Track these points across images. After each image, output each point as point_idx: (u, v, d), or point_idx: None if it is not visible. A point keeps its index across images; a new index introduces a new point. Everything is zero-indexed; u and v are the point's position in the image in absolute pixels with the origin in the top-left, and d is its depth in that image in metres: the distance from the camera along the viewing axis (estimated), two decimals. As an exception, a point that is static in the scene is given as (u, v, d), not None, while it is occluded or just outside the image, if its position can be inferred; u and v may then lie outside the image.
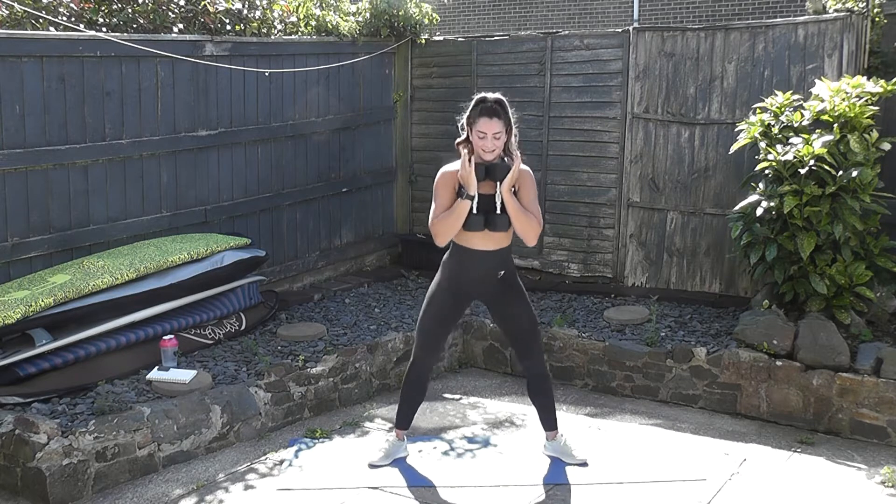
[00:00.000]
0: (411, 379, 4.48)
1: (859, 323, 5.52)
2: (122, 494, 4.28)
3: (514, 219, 4.11)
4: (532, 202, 4.16)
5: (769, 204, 5.59)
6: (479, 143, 4.09)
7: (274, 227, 7.17)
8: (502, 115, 4.08)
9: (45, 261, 5.58)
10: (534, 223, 4.12)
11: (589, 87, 7.41)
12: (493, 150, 4.10)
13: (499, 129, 4.07)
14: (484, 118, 4.06)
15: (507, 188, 4.09)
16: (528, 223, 4.11)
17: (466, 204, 4.07)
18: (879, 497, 4.21)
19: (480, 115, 4.07)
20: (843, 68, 6.29)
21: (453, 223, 4.10)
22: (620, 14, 14.35)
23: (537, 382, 4.46)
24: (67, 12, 6.09)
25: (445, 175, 4.18)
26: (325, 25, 7.53)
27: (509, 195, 4.09)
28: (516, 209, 4.09)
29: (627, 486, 4.28)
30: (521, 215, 4.10)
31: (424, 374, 4.50)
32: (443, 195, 4.15)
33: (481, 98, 4.12)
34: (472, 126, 4.11)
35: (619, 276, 7.36)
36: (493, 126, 4.06)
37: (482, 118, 4.07)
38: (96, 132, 5.82)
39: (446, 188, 4.16)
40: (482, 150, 4.10)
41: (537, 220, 4.14)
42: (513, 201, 4.10)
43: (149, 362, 5.25)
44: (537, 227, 4.15)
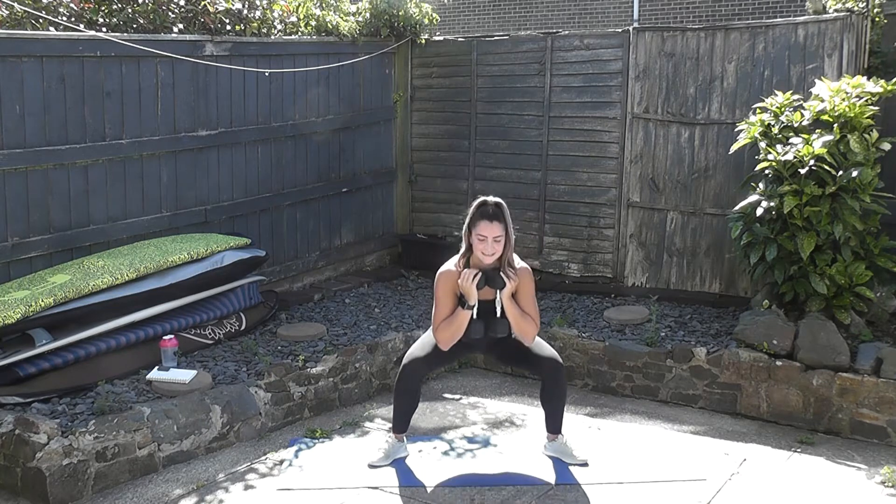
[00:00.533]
0: (401, 388, 4.48)
1: (859, 323, 5.52)
2: (122, 494, 4.28)
3: (513, 323, 4.30)
4: (530, 303, 4.33)
5: (769, 204, 5.59)
6: (479, 246, 4.19)
7: (274, 227, 7.17)
8: (502, 219, 4.19)
9: (45, 261, 5.58)
10: (531, 326, 4.32)
11: (589, 87, 7.41)
12: (493, 254, 4.20)
13: (499, 232, 4.17)
14: (484, 221, 4.17)
15: (507, 295, 4.24)
16: (527, 327, 4.31)
17: (467, 314, 4.25)
18: (879, 497, 4.21)
19: (481, 218, 4.19)
20: (843, 68, 6.29)
21: (455, 331, 4.29)
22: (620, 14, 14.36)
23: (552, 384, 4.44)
24: (67, 12, 6.09)
25: (446, 279, 4.30)
26: (325, 25, 7.53)
27: (510, 302, 4.26)
28: (516, 315, 4.28)
29: (627, 486, 4.28)
30: (521, 320, 4.29)
31: (415, 384, 4.50)
32: (444, 302, 4.30)
33: (481, 202, 4.24)
34: (472, 229, 4.21)
35: (619, 276, 7.37)
36: (493, 230, 4.17)
37: (482, 221, 4.17)
38: (96, 132, 5.82)
39: (447, 294, 4.30)
40: (482, 254, 4.20)
41: (535, 322, 4.33)
42: (512, 307, 4.27)
43: (149, 362, 5.25)
44: (535, 329, 4.35)
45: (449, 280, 4.28)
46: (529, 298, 4.32)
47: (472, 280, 4.17)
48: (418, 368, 4.45)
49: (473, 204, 4.25)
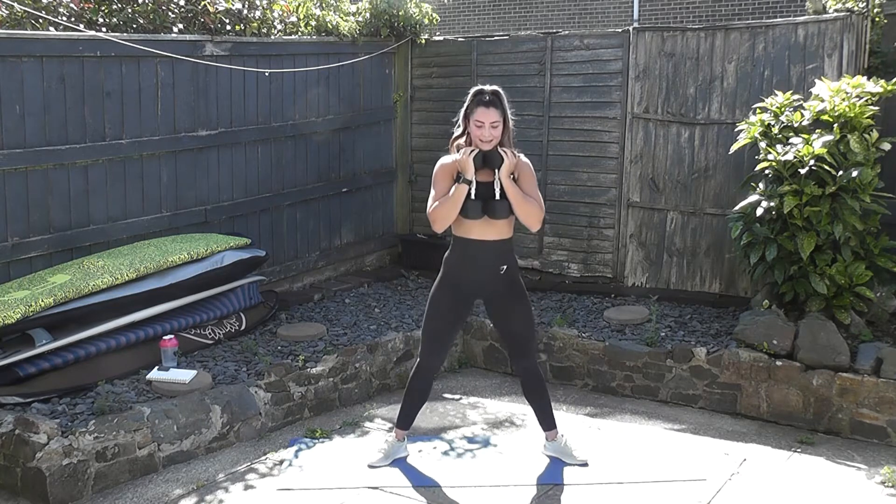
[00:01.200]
0: (416, 382, 4.46)
1: (859, 323, 5.52)
2: (122, 494, 4.28)
3: (514, 204, 4.11)
4: (533, 189, 4.17)
5: (769, 204, 5.59)
6: (477, 132, 4.11)
7: (274, 227, 7.17)
8: (499, 105, 4.12)
9: (45, 261, 5.58)
10: (535, 207, 4.12)
11: (589, 87, 7.41)
12: (490, 140, 4.12)
13: (496, 118, 4.10)
14: (481, 108, 4.10)
15: (506, 174, 4.10)
16: (529, 207, 4.11)
17: (464, 188, 4.08)
18: (879, 497, 4.21)
19: (478, 105, 4.12)
20: (843, 68, 6.29)
21: (451, 208, 4.10)
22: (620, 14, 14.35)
23: (532, 383, 4.46)
24: (67, 12, 6.09)
25: (443, 165, 4.22)
26: (325, 25, 7.53)
27: (509, 181, 4.11)
28: (517, 194, 4.10)
29: (627, 486, 4.28)
30: (522, 200, 4.10)
31: (429, 378, 4.49)
32: (441, 183, 4.18)
33: (478, 90, 4.17)
34: (470, 116, 4.15)
35: (619, 276, 7.36)
36: (490, 115, 4.09)
37: (479, 108, 4.11)
38: (96, 132, 5.82)
39: (444, 177, 4.18)
40: (480, 140, 4.12)
41: (539, 204, 4.14)
42: (513, 186, 4.11)
43: (149, 362, 5.25)
44: (539, 211, 4.14)
45: (446, 166, 4.18)
46: (531, 184, 4.17)
47: (469, 154, 4.08)
48: (434, 363, 4.43)
49: (470, 92, 4.18)
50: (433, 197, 4.19)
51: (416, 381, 4.46)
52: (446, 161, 4.23)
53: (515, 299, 4.32)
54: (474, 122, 4.12)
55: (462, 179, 4.09)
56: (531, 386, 4.46)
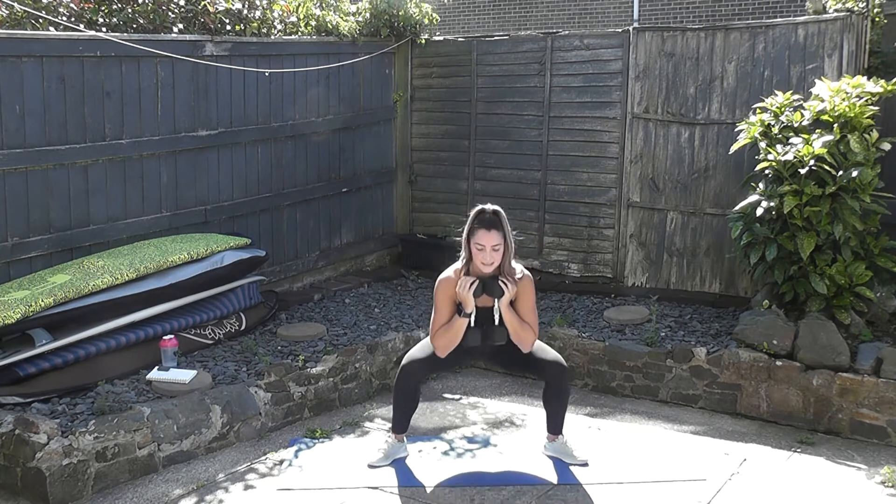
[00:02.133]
0: (400, 388, 4.46)
1: (859, 323, 5.52)
2: (122, 494, 4.28)
3: (511, 332, 4.27)
4: (530, 311, 4.29)
5: (769, 204, 5.59)
6: (478, 255, 4.17)
7: (274, 227, 7.17)
8: (500, 227, 4.15)
9: (45, 261, 5.58)
10: (530, 335, 4.29)
11: (589, 87, 7.41)
12: (491, 263, 4.17)
13: (497, 241, 4.14)
14: (482, 230, 4.14)
15: (505, 304, 4.21)
16: (524, 335, 4.28)
17: (464, 321, 4.23)
18: (879, 497, 4.21)
19: (479, 226, 4.15)
20: (843, 68, 6.29)
21: (452, 338, 4.27)
22: (620, 14, 14.36)
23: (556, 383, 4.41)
24: (67, 12, 6.09)
25: (446, 286, 4.28)
26: (325, 25, 7.53)
27: (507, 310, 4.23)
28: (515, 323, 4.26)
29: (627, 486, 4.28)
30: (519, 329, 4.26)
31: (414, 385, 4.49)
32: (442, 309, 4.28)
33: (479, 210, 4.20)
34: (471, 238, 4.18)
35: (619, 276, 7.36)
36: (491, 238, 4.13)
37: (480, 230, 4.15)
38: (96, 132, 5.82)
39: (445, 301, 4.28)
40: (481, 263, 4.17)
41: (534, 331, 4.30)
42: (511, 315, 4.24)
43: (149, 362, 5.25)
44: (533, 337, 4.32)
45: (448, 287, 4.26)
46: (529, 307, 4.29)
47: (468, 288, 4.16)
48: (417, 370, 4.44)
49: (472, 212, 4.23)
50: (434, 322, 4.31)
51: (401, 381, 4.45)
52: (446, 277, 4.29)
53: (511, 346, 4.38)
54: (475, 244, 4.16)
55: (462, 314, 4.21)
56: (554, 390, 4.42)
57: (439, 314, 4.29)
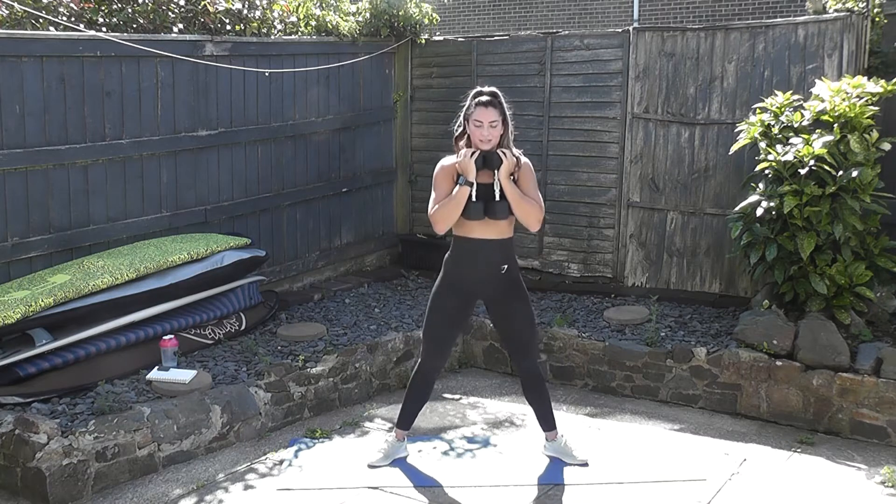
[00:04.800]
0: (417, 383, 4.46)
1: (859, 323, 5.52)
2: (122, 494, 4.28)
3: (514, 204, 4.14)
4: (532, 190, 4.20)
5: (769, 204, 5.59)
6: (476, 132, 4.15)
7: (274, 227, 7.17)
8: (497, 105, 4.16)
9: (45, 261, 5.58)
10: (535, 207, 4.16)
11: (589, 87, 7.41)
12: (489, 139, 4.15)
13: (494, 117, 4.13)
14: (480, 108, 4.15)
15: (505, 175, 4.13)
16: (528, 207, 4.14)
17: (465, 190, 4.11)
18: (879, 497, 4.21)
19: (477, 105, 4.16)
20: (843, 68, 6.29)
21: (453, 209, 4.14)
22: (620, 14, 14.36)
23: (532, 383, 4.46)
24: (67, 12, 6.09)
25: (444, 167, 4.26)
26: (325, 25, 7.53)
27: (508, 181, 4.14)
28: (516, 195, 4.13)
29: (627, 486, 4.28)
30: (521, 200, 4.14)
31: (431, 379, 4.49)
32: (442, 185, 4.21)
33: (477, 91, 4.22)
34: (469, 118, 4.18)
35: (619, 276, 7.36)
36: (489, 115, 4.13)
37: (478, 108, 4.15)
38: (96, 132, 5.82)
39: (445, 179, 4.22)
40: (479, 140, 4.16)
41: (538, 204, 4.18)
42: (512, 187, 4.14)
43: (149, 362, 5.25)
44: (539, 211, 4.17)
45: (447, 168, 4.23)
46: (531, 185, 4.20)
47: (470, 156, 4.12)
48: (435, 364, 4.42)
49: (469, 94, 4.23)
50: (434, 199, 4.22)
51: (417, 381, 4.46)
52: (446, 162, 4.26)
53: (516, 300, 4.32)
54: (473, 121, 4.16)
55: (463, 181, 4.12)
56: (532, 386, 4.46)
57: (439, 190, 4.20)
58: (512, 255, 4.34)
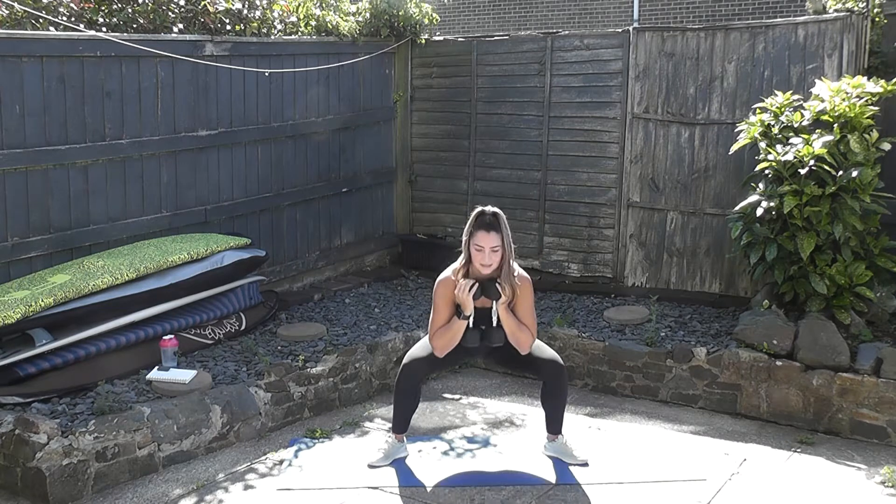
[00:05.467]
0: (401, 388, 4.47)
1: (859, 323, 5.52)
2: (122, 494, 4.28)
3: (509, 333, 4.30)
4: (528, 313, 4.31)
5: (769, 204, 5.59)
6: (478, 256, 4.19)
7: (274, 227, 7.17)
8: (499, 229, 4.17)
9: (45, 261, 5.58)
10: (527, 337, 4.31)
11: (589, 87, 7.41)
12: (490, 265, 4.19)
13: (496, 242, 4.16)
14: (482, 232, 4.17)
15: (502, 306, 4.24)
16: (522, 336, 4.30)
17: (462, 323, 4.26)
18: (879, 497, 4.21)
19: (478, 228, 4.18)
20: (843, 68, 6.29)
21: (450, 339, 4.30)
22: (620, 14, 14.35)
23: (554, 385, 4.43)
24: (67, 12, 6.09)
25: (444, 287, 4.30)
26: (325, 25, 7.53)
27: (505, 312, 4.26)
28: (513, 325, 4.28)
29: (627, 486, 4.28)
30: (517, 331, 4.29)
31: (415, 384, 4.50)
32: (441, 310, 4.30)
33: (479, 212, 4.23)
34: (471, 239, 4.20)
35: (619, 276, 7.36)
36: (490, 240, 4.16)
37: (480, 231, 4.17)
38: (96, 132, 5.82)
39: (445, 303, 4.30)
40: (480, 264, 4.19)
41: (532, 334, 4.32)
42: (508, 317, 4.27)
43: (149, 362, 5.25)
44: (531, 339, 4.33)
45: (447, 288, 4.28)
46: (527, 309, 4.31)
47: (467, 291, 4.17)
48: (418, 369, 4.45)
49: (472, 214, 4.25)
50: (433, 322, 4.33)
51: (402, 381, 4.46)
52: (446, 278, 4.31)
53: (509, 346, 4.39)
54: (474, 245, 4.19)
55: (461, 315, 4.24)
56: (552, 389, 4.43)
57: (438, 315, 4.31)
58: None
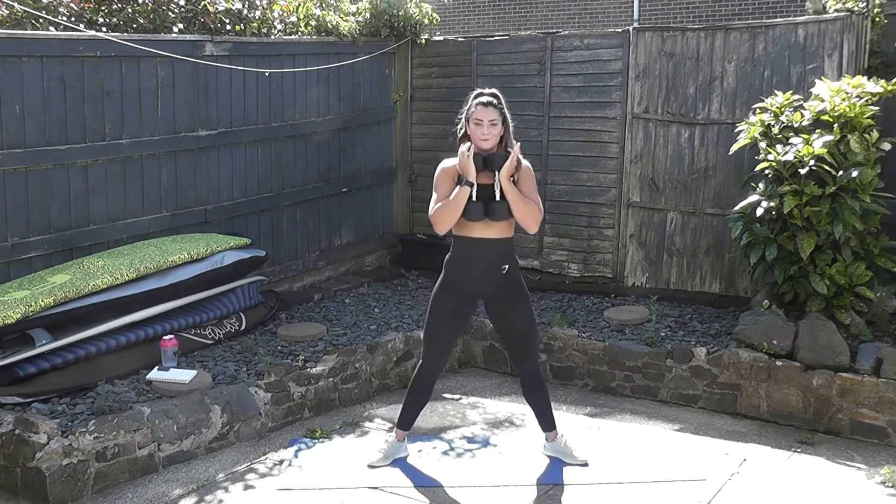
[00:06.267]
0: (418, 383, 4.46)
1: (859, 323, 5.52)
2: (122, 494, 4.28)
3: (513, 205, 4.15)
4: (532, 192, 4.23)
5: (769, 204, 5.59)
6: (476, 130, 4.18)
7: (274, 227, 7.17)
8: (497, 105, 4.21)
9: (45, 261, 5.58)
10: (534, 209, 4.18)
11: (589, 87, 7.41)
12: (488, 138, 4.18)
13: (494, 116, 4.18)
14: (480, 107, 4.20)
15: (505, 176, 4.15)
16: (527, 209, 4.16)
17: (466, 190, 4.13)
18: (879, 497, 4.21)
19: (477, 104, 4.21)
20: (843, 68, 6.29)
21: (453, 209, 4.15)
22: (620, 14, 14.35)
23: (533, 384, 4.46)
24: (67, 12, 6.09)
25: (445, 168, 4.27)
26: (325, 25, 7.53)
27: (508, 183, 4.15)
28: (515, 196, 4.15)
29: (627, 486, 4.28)
30: (521, 202, 4.16)
31: (431, 379, 4.48)
32: (442, 186, 4.23)
33: (478, 92, 4.28)
34: (470, 117, 4.22)
35: (619, 276, 7.36)
36: (488, 113, 4.17)
37: (478, 107, 4.20)
38: (96, 132, 5.82)
39: (446, 180, 4.24)
40: (479, 139, 4.19)
41: (538, 206, 4.20)
42: (511, 188, 4.16)
43: (149, 362, 5.25)
44: (538, 213, 4.19)
45: (448, 170, 4.25)
46: (530, 186, 4.23)
47: (470, 156, 4.13)
48: (436, 364, 4.42)
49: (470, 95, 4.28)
50: (435, 199, 4.23)
51: (418, 382, 4.46)
52: (448, 164, 4.28)
53: (517, 300, 4.32)
54: (473, 120, 4.20)
55: (464, 182, 4.14)
56: (532, 387, 4.46)
57: (440, 191, 4.22)
58: (512, 255, 4.34)
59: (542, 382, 4.50)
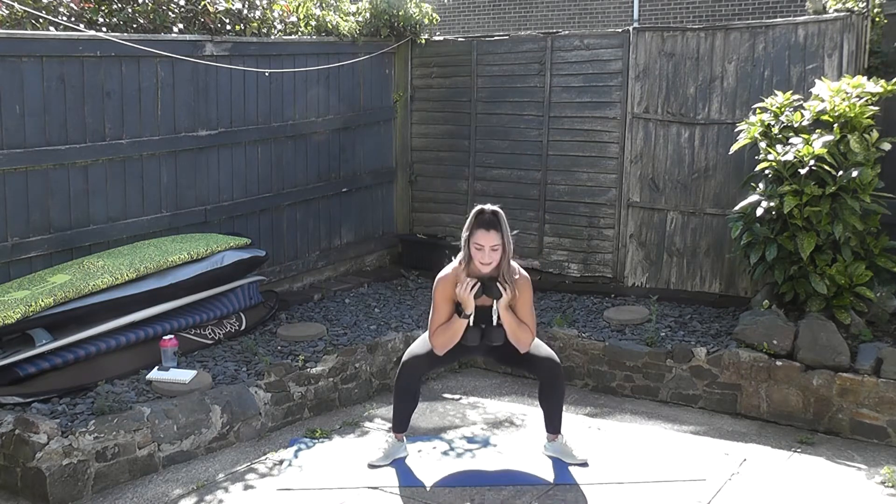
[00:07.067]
0: (401, 387, 4.48)
1: (859, 323, 5.52)
2: (122, 494, 4.28)
3: (509, 332, 4.30)
4: (528, 312, 4.32)
5: (769, 204, 5.59)
6: (477, 255, 4.19)
7: (274, 227, 7.17)
8: (499, 228, 4.16)
9: (45, 261, 5.58)
10: (527, 335, 4.31)
11: (589, 87, 7.41)
12: (490, 263, 4.18)
13: (495, 241, 4.15)
14: (481, 230, 4.16)
15: (503, 305, 4.24)
16: (522, 335, 4.31)
17: (463, 322, 4.26)
18: (879, 497, 4.21)
19: (478, 227, 4.17)
20: (843, 68, 6.29)
21: (451, 338, 4.30)
22: (620, 14, 14.35)
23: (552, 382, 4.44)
24: (67, 12, 6.09)
25: (444, 285, 4.29)
26: (325, 25, 7.53)
27: (506, 311, 4.26)
28: (513, 324, 4.28)
29: (627, 486, 4.28)
30: (517, 330, 4.29)
31: (414, 383, 4.50)
32: (441, 309, 4.30)
33: (479, 210, 4.22)
34: (470, 238, 4.20)
35: (619, 276, 7.36)
36: (490, 238, 4.15)
37: (479, 230, 4.16)
38: (96, 132, 5.82)
39: (444, 300, 4.30)
40: (479, 263, 4.19)
41: (531, 332, 4.32)
42: (509, 317, 4.27)
43: (149, 362, 5.25)
44: (530, 338, 4.34)
45: (447, 286, 4.27)
46: (527, 308, 4.31)
47: (469, 290, 4.18)
48: (418, 367, 4.45)
49: (472, 212, 4.24)
50: (433, 321, 4.32)
51: (401, 379, 4.46)
52: (445, 277, 4.30)
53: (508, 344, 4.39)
54: (474, 244, 4.18)
55: (462, 314, 4.24)
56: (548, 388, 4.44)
57: (438, 313, 4.30)
58: None
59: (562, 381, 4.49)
